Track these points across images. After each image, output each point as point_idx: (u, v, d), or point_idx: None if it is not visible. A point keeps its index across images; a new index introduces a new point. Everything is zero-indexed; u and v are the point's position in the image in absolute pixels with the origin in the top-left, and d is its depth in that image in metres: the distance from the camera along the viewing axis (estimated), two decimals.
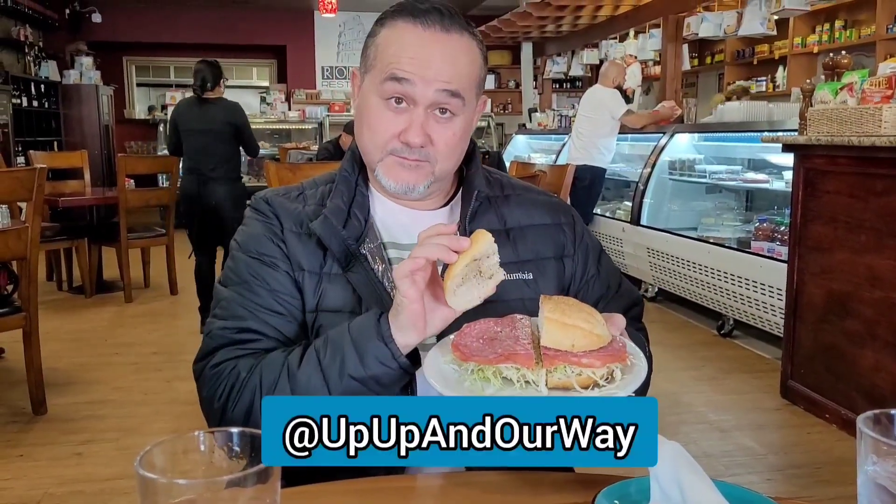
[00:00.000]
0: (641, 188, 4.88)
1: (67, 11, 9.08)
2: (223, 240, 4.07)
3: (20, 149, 7.35)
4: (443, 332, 0.88)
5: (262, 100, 9.70)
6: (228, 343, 0.98)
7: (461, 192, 1.09)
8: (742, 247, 3.94)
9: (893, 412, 0.60)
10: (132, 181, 5.06)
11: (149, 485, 0.52)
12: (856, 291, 2.70)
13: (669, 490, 0.67)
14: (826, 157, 2.86)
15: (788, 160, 3.18)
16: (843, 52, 3.24)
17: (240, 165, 4.36)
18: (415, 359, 0.88)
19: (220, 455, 0.59)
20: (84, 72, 8.87)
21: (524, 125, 8.36)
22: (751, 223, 4.08)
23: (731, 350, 3.87)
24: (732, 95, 5.90)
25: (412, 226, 1.06)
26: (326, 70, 10.54)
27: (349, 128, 5.30)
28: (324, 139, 8.62)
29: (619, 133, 5.37)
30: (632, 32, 7.03)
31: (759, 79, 7.60)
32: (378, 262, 1.02)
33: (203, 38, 10.06)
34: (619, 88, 5.47)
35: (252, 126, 4.43)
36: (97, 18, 9.18)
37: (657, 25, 6.37)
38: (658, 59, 6.81)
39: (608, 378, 0.77)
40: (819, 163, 2.90)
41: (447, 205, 1.10)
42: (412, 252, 0.83)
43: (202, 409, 1.00)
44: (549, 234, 1.10)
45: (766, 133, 3.64)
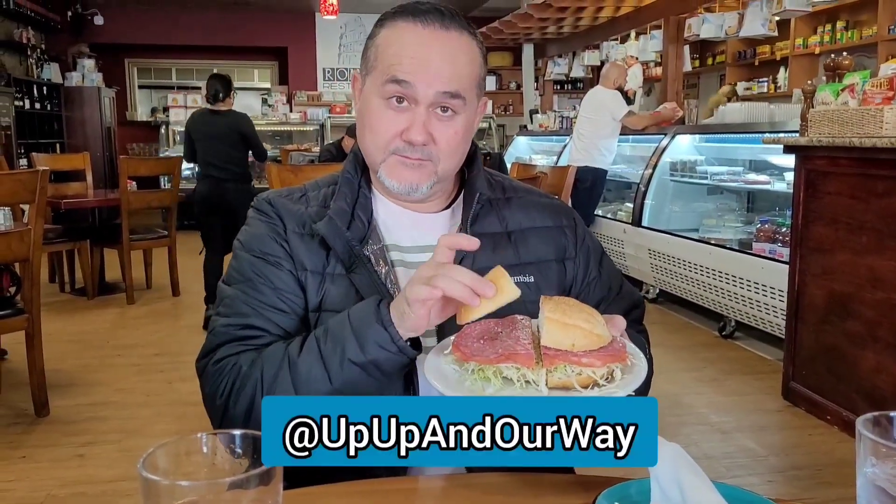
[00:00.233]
0: (643, 189, 4.88)
1: (69, 14, 9.08)
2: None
3: (23, 151, 7.36)
4: (443, 333, 0.88)
5: (264, 101, 9.69)
6: (232, 339, 0.99)
7: (463, 195, 1.09)
8: (743, 248, 3.94)
9: (892, 414, 0.60)
10: (134, 183, 5.08)
11: (152, 486, 0.52)
12: (857, 293, 2.69)
13: (670, 491, 0.67)
14: (827, 159, 2.86)
15: (790, 161, 3.18)
16: (845, 53, 3.24)
17: (249, 168, 4.74)
18: (416, 344, 0.88)
19: (223, 457, 0.59)
20: (86, 74, 8.89)
21: (525, 126, 8.36)
22: (752, 224, 4.08)
23: (733, 351, 3.87)
24: (723, 99, 5.93)
25: (414, 228, 1.07)
26: (328, 72, 10.54)
27: (352, 131, 5.36)
28: (325, 141, 8.63)
29: (621, 134, 5.37)
30: (633, 34, 7.02)
31: (761, 80, 7.59)
32: (381, 265, 1.03)
33: (205, 40, 10.08)
34: (621, 90, 5.47)
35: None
36: (99, 20, 9.18)
37: (658, 26, 6.38)
38: (659, 61, 6.81)
39: (608, 378, 0.77)
40: (820, 164, 2.90)
41: (449, 207, 1.10)
42: (433, 267, 0.82)
43: (205, 406, 1.00)
44: (551, 237, 1.10)
45: (768, 134, 3.63)
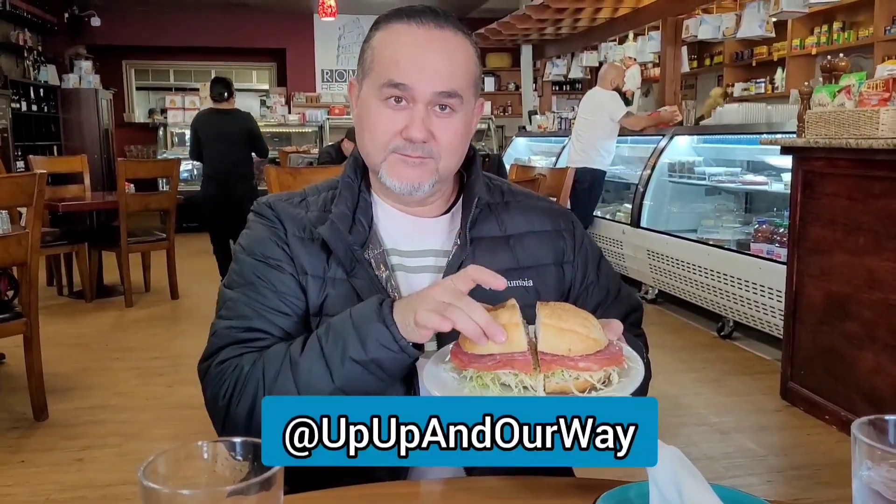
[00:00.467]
0: (641, 190, 4.89)
1: (66, 15, 9.06)
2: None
3: (20, 153, 7.33)
4: (442, 341, 0.89)
5: (262, 103, 9.69)
6: (234, 342, 0.99)
7: (462, 199, 1.09)
8: (741, 249, 3.95)
9: (888, 418, 0.61)
10: (132, 185, 5.07)
11: (152, 494, 0.53)
12: (855, 293, 2.70)
13: (668, 494, 0.68)
14: (824, 160, 2.87)
15: (787, 162, 3.19)
16: (841, 55, 3.25)
17: (253, 167, 4.98)
18: (417, 344, 0.88)
19: (224, 464, 0.59)
20: (83, 76, 8.87)
21: (524, 127, 8.36)
22: (750, 225, 4.09)
23: (731, 352, 3.87)
24: (720, 101, 5.95)
25: (414, 233, 1.07)
26: (326, 73, 10.55)
27: (351, 134, 5.36)
28: (324, 142, 8.64)
29: (619, 135, 5.37)
30: (631, 35, 7.03)
31: (758, 80, 7.61)
32: (381, 269, 1.03)
33: (203, 42, 10.08)
34: (619, 90, 5.48)
35: None
36: (96, 22, 9.16)
37: (656, 27, 6.38)
38: (657, 61, 6.81)
39: (605, 382, 0.77)
40: (817, 165, 2.91)
41: (448, 212, 1.11)
42: (451, 294, 0.80)
43: (207, 409, 1.00)
44: (549, 241, 1.11)
45: (765, 135, 3.64)
